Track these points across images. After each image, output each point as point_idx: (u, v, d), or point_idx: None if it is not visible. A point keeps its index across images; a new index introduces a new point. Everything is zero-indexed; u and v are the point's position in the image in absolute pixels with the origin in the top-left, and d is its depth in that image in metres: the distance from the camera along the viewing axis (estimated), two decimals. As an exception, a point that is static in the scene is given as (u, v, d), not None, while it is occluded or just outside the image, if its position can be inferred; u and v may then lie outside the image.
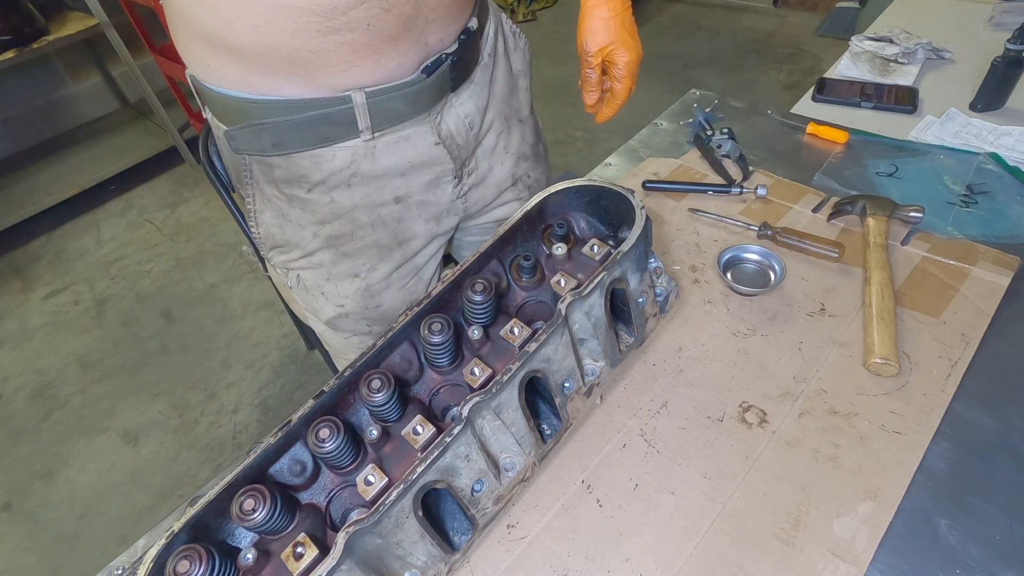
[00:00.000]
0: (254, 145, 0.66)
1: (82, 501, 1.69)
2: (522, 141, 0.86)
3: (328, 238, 0.74)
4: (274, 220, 0.74)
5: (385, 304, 0.82)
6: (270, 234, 0.76)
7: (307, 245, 0.75)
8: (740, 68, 3.09)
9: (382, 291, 0.80)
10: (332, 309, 0.81)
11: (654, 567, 0.56)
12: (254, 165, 0.69)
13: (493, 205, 0.88)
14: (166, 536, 0.45)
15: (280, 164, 0.67)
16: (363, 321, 0.83)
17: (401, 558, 0.49)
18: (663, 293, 0.69)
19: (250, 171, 0.70)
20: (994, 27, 1.31)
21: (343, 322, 0.83)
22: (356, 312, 0.81)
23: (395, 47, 0.60)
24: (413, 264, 0.81)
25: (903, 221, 0.83)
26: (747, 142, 1.03)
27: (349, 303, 0.80)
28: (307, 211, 0.71)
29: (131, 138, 2.80)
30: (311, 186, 0.69)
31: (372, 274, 0.78)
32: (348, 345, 0.87)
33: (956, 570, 0.54)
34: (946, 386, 0.66)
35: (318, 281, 0.79)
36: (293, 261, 0.78)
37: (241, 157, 0.69)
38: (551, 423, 0.62)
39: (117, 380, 1.99)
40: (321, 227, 0.73)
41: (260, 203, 0.74)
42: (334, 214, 0.72)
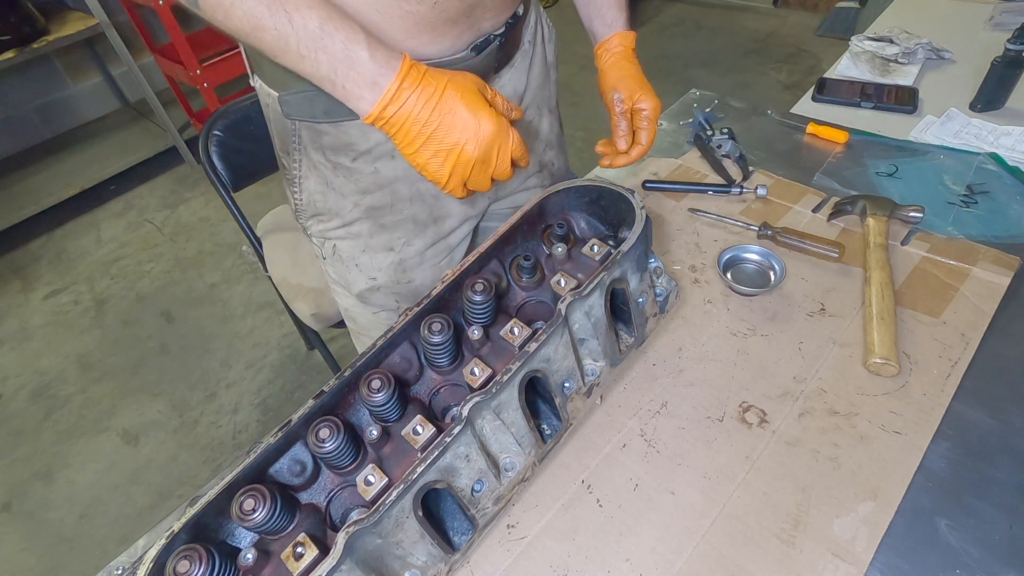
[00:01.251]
0: (306, 111, 0.68)
1: (82, 501, 1.69)
2: (550, 130, 0.90)
3: (368, 208, 0.76)
4: (318, 187, 0.76)
5: (416, 280, 0.84)
6: (312, 201, 0.78)
7: (347, 214, 0.77)
8: (740, 68, 3.08)
9: (415, 267, 0.83)
10: (365, 281, 0.83)
11: (654, 567, 0.56)
12: (303, 131, 0.71)
13: (519, 188, 0.91)
14: (166, 536, 0.45)
15: (329, 131, 0.69)
16: (393, 296, 0.85)
17: (401, 558, 0.49)
18: (663, 293, 0.69)
19: (299, 137, 0.72)
20: (994, 27, 1.31)
21: (374, 296, 0.85)
22: (387, 286, 0.83)
23: (452, 28, 0.63)
24: (446, 243, 0.83)
25: (903, 221, 0.83)
26: (747, 142, 1.03)
27: (382, 276, 0.82)
28: (351, 180, 0.73)
29: (131, 138, 2.80)
30: (357, 155, 0.71)
31: (407, 248, 0.80)
32: (375, 321, 0.89)
33: (956, 570, 0.54)
34: (946, 386, 0.66)
35: (354, 252, 0.81)
36: (331, 230, 0.80)
37: (291, 123, 0.71)
38: (551, 423, 0.62)
39: (117, 380, 1.99)
40: (363, 197, 0.75)
41: (306, 169, 0.75)
42: (376, 184, 0.74)
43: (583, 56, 3.31)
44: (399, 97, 0.56)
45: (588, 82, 3.08)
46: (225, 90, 2.72)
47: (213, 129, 1.22)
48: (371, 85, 0.55)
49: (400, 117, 0.57)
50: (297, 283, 1.33)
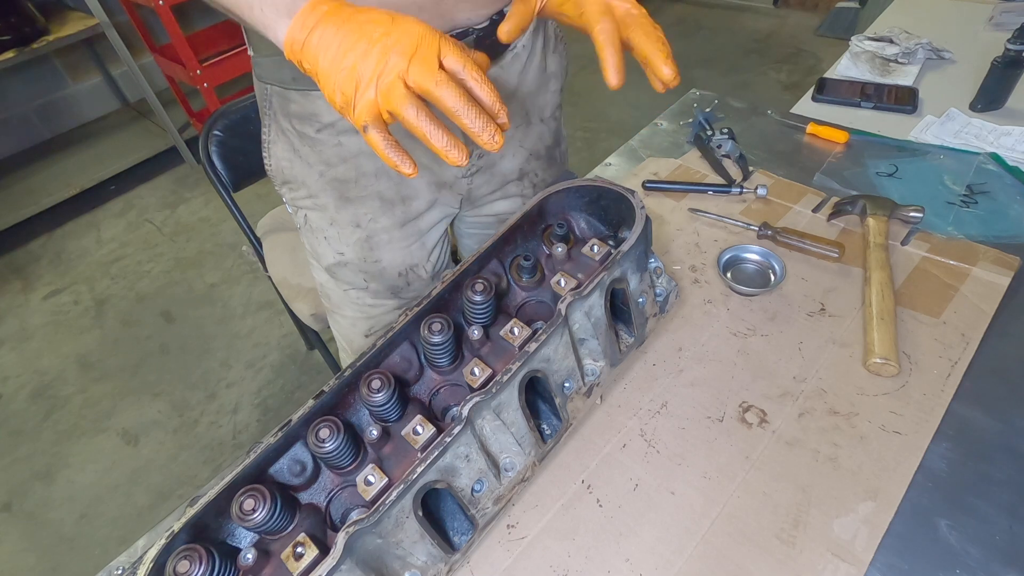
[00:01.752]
0: (275, 75, 0.69)
1: (82, 501, 1.69)
2: (538, 140, 0.87)
3: (333, 180, 0.75)
4: (285, 154, 0.76)
5: (384, 260, 0.83)
6: (280, 168, 0.78)
7: (313, 185, 0.76)
8: (740, 68, 3.08)
9: (382, 245, 0.82)
10: (333, 255, 0.83)
11: (654, 567, 0.56)
12: (274, 96, 0.72)
13: (496, 196, 0.89)
14: (166, 536, 0.45)
15: (296, 100, 0.69)
16: (361, 274, 0.84)
17: (401, 558, 0.49)
18: (663, 293, 0.69)
19: (269, 102, 0.73)
20: (994, 27, 1.31)
21: (342, 271, 0.85)
22: (355, 263, 0.83)
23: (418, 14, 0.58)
24: (416, 227, 0.82)
25: (903, 221, 0.83)
26: (747, 142, 1.03)
27: (349, 251, 0.82)
28: (315, 150, 0.73)
29: (131, 138, 2.80)
30: (321, 126, 0.70)
31: (372, 225, 0.79)
32: (346, 299, 0.89)
33: (956, 570, 0.54)
34: (946, 386, 0.66)
35: (322, 224, 0.80)
36: (300, 200, 0.80)
37: (264, 86, 0.71)
38: (551, 423, 0.62)
39: (117, 380, 1.99)
40: (328, 168, 0.74)
41: (275, 134, 0.76)
42: (340, 158, 0.73)
43: (583, 56, 3.30)
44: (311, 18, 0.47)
45: (588, 82, 3.08)
46: (225, 90, 2.72)
47: (213, 129, 1.22)
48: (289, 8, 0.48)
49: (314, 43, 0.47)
50: (297, 283, 1.33)
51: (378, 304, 0.89)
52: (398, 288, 0.87)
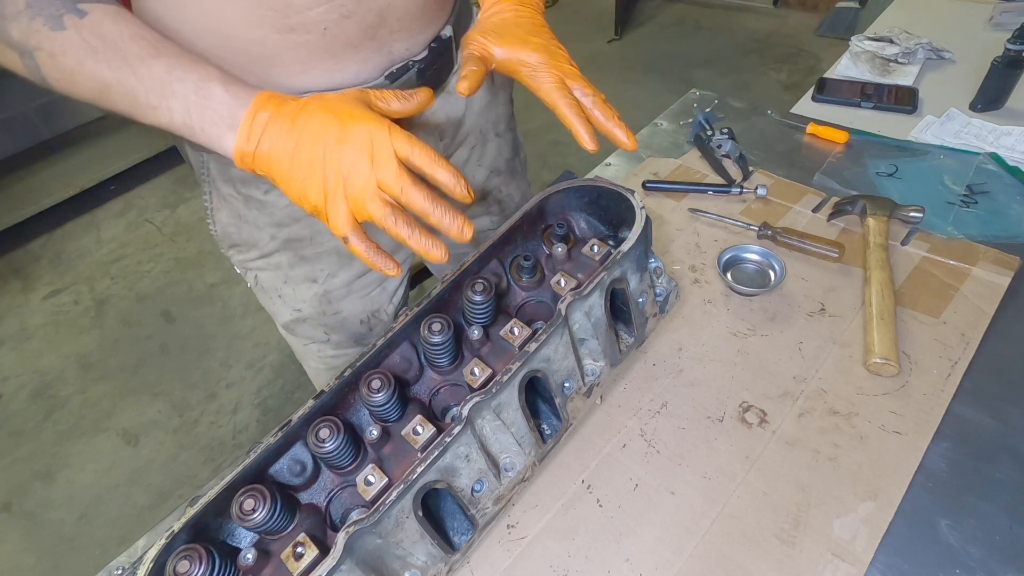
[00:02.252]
0: None
1: (82, 501, 1.69)
2: (497, 155, 0.84)
3: (286, 240, 0.72)
4: (230, 219, 0.72)
5: (344, 312, 0.80)
6: (227, 233, 0.74)
7: (264, 246, 0.73)
8: (740, 68, 3.08)
9: (341, 298, 0.78)
10: (289, 313, 0.79)
11: (654, 567, 0.56)
12: (211, 163, 0.68)
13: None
14: (166, 536, 0.45)
15: None
16: (321, 328, 0.81)
17: (401, 558, 0.49)
18: (663, 293, 0.69)
19: (207, 168, 0.69)
20: (994, 27, 1.30)
21: (300, 327, 0.81)
22: (313, 318, 0.79)
23: (354, 54, 0.58)
24: (376, 274, 0.79)
25: (903, 221, 0.83)
26: (747, 142, 1.03)
27: (306, 308, 0.78)
28: (264, 212, 0.69)
29: (131, 138, 2.80)
30: (269, 187, 0.67)
31: (331, 280, 0.76)
32: (307, 352, 0.86)
33: (956, 570, 0.54)
34: (946, 386, 0.66)
35: (275, 283, 0.77)
36: (250, 261, 0.76)
37: (198, 154, 0.67)
38: (551, 423, 0.62)
39: (117, 380, 1.99)
40: (279, 229, 0.71)
41: (216, 201, 0.72)
42: (292, 217, 0.70)
43: (583, 56, 3.31)
44: (256, 127, 0.48)
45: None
46: (225, 90, 2.72)
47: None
48: (230, 122, 0.48)
49: (265, 151, 0.48)
50: (297, 283, 1.33)
51: (340, 354, 0.85)
52: (361, 335, 0.83)
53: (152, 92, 0.48)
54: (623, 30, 3.44)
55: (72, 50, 0.47)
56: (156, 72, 0.48)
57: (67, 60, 0.47)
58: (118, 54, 0.47)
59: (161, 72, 0.48)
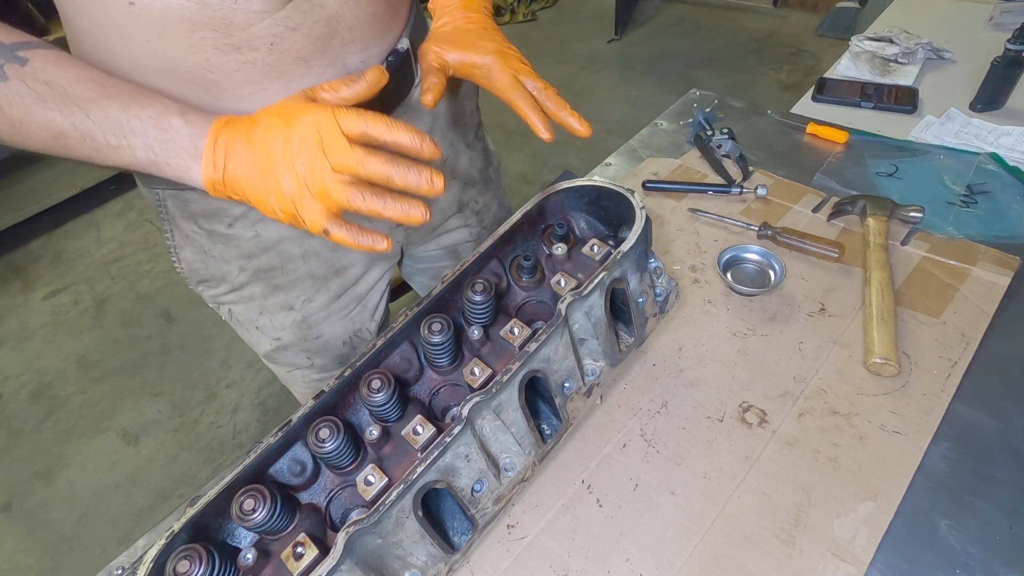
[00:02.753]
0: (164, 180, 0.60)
1: (82, 501, 1.69)
2: (470, 166, 0.82)
3: (256, 271, 0.70)
4: (195, 256, 0.69)
5: (326, 335, 0.78)
6: (193, 270, 0.71)
7: (234, 279, 0.71)
8: (740, 68, 3.08)
9: (321, 322, 0.76)
10: (269, 343, 0.77)
11: (654, 567, 0.56)
12: (168, 200, 0.65)
13: (439, 231, 0.85)
14: (166, 536, 0.45)
15: (196, 198, 0.63)
16: (303, 353, 0.79)
17: (401, 558, 0.49)
18: (663, 293, 0.69)
19: (164, 207, 0.66)
20: (994, 27, 1.31)
21: (282, 355, 0.79)
22: (295, 344, 0.77)
23: (307, 69, 0.56)
24: (355, 293, 0.77)
25: (903, 221, 0.83)
26: (747, 142, 1.03)
27: (286, 335, 0.76)
28: (230, 246, 0.67)
29: (131, 138, 2.80)
30: (232, 220, 0.65)
31: (308, 305, 0.74)
32: (292, 379, 0.84)
33: (956, 570, 0.54)
34: (946, 386, 0.66)
35: (251, 315, 0.74)
36: (221, 296, 0.73)
37: (153, 192, 0.65)
38: (551, 423, 0.62)
39: (117, 380, 1.99)
40: (248, 261, 0.69)
41: (179, 239, 0.69)
42: (260, 248, 0.68)
43: (583, 56, 3.31)
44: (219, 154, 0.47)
45: (587, 82, 3.08)
46: (225, 90, 2.72)
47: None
48: (193, 152, 0.48)
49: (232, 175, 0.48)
50: (297, 283, 1.33)
51: (326, 377, 0.83)
52: (345, 356, 0.82)
53: (110, 133, 0.47)
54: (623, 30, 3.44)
55: (19, 100, 0.45)
56: (111, 112, 0.46)
57: (15, 111, 0.46)
58: (68, 99, 0.46)
59: (116, 112, 0.47)
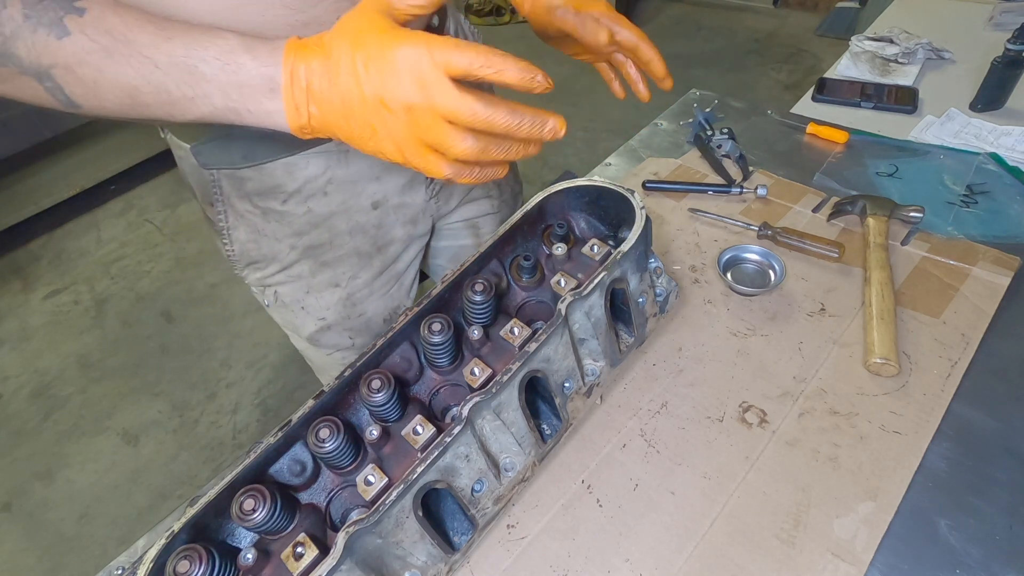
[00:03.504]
0: (223, 159, 0.63)
1: (82, 501, 1.69)
2: None
3: (306, 249, 0.72)
4: (249, 236, 0.71)
5: (368, 312, 0.81)
6: (245, 251, 0.73)
7: (285, 258, 0.73)
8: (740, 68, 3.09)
9: (364, 299, 0.79)
10: (314, 323, 0.79)
11: (654, 567, 0.56)
12: (223, 180, 0.66)
13: (464, 200, 0.87)
14: (166, 536, 0.45)
15: (252, 176, 0.65)
16: (346, 333, 0.81)
17: (401, 558, 0.49)
18: (663, 293, 0.69)
19: (219, 187, 0.67)
20: (994, 27, 1.31)
21: (325, 336, 0.81)
22: (339, 323, 0.80)
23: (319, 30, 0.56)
24: (394, 270, 0.80)
25: (903, 221, 0.83)
26: (747, 142, 1.03)
27: (331, 314, 0.79)
28: (283, 223, 0.69)
29: (131, 138, 2.80)
30: (286, 196, 0.67)
31: (353, 282, 0.77)
32: (329, 362, 0.86)
33: (956, 570, 0.54)
34: (946, 386, 0.66)
35: (297, 295, 0.77)
36: (270, 277, 0.75)
37: (209, 173, 0.66)
38: (551, 423, 0.62)
39: (117, 380, 1.99)
40: (299, 238, 0.71)
41: (233, 220, 0.70)
42: (311, 224, 0.70)
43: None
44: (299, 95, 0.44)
45: (588, 82, 3.08)
46: (225, 90, 2.72)
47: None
48: (270, 95, 0.44)
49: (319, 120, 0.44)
50: (297, 283, 1.33)
51: None
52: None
53: (183, 82, 0.43)
54: (623, 30, 3.44)
55: (86, 57, 0.43)
56: (176, 56, 0.43)
57: (86, 70, 0.43)
58: (132, 47, 0.43)
59: (181, 55, 0.43)
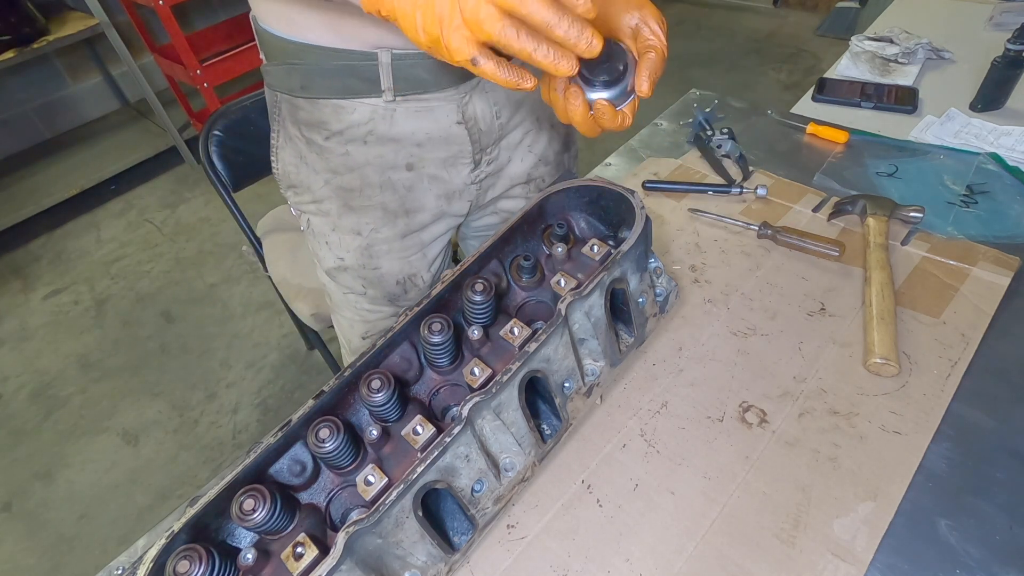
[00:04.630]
0: (284, 83, 0.70)
1: (82, 501, 1.69)
2: (548, 146, 0.87)
3: (338, 188, 0.77)
4: (292, 159, 0.78)
5: (383, 268, 0.84)
6: (287, 172, 0.80)
7: (318, 191, 0.78)
8: (740, 68, 3.08)
9: (382, 255, 0.82)
10: (333, 260, 0.84)
11: (654, 567, 0.56)
12: (283, 103, 0.74)
13: (502, 196, 0.89)
14: (166, 536, 0.45)
15: (305, 107, 0.71)
16: (360, 280, 0.85)
17: (401, 558, 0.49)
18: (663, 293, 0.69)
19: (279, 108, 0.75)
20: (994, 27, 1.30)
21: (341, 276, 0.86)
22: (354, 268, 0.84)
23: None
24: (418, 238, 0.83)
25: (903, 221, 0.83)
26: (747, 142, 1.03)
27: (349, 258, 0.83)
28: (322, 157, 0.74)
29: (131, 138, 2.80)
30: (329, 134, 0.72)
31: (374, 235, 0.80)
32: (345, 301, 0.90)
33: (956, 570, 0.54)
34: (946, 386, 0.66)
35: (324, 229, 0.82)
36: (304, 204, 0.81)
37: (274, 93, 0.74)
38: (551, 423, 0.62)
39: (117, 380, 1.99)
40: (333, 176, 0.76)
41: (283, 140, 0.78)
42: (346, 167, 0.74)
43: (583, 56, 3.30)
44: None
45: (588, 82, 3.07)
46: (225, 90, 2.72)
47: (213, 129, 1.22)
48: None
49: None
50: (297, 283, 1.33)
51: (375, 310, 0.89)
52: (395, 296, 0.87)
53: None
54: (623, 30, 3.44)
55: None
56: None
57: None
58: None
59: None
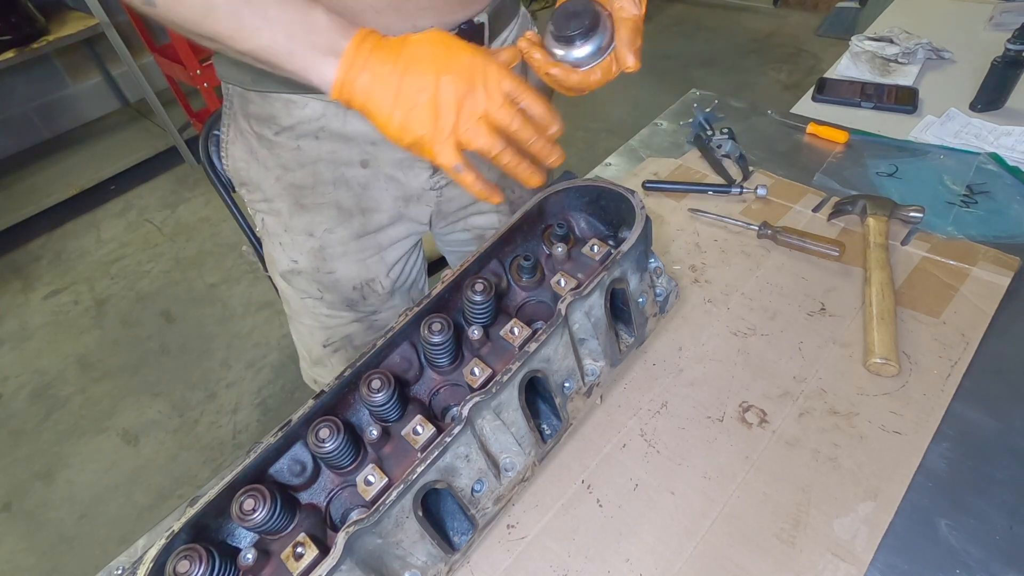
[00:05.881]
0: (235, 75, 0.68)
1: (82, 501, 1.69)
2: None
3: (289, 185, 0.74)
4: (242, 155, 0.75)
5: (338, 272, 0.81)
6: (237, 168, 0.78)
7: (268, 189, 0.75)
8: (740, 68, 3.08)
9: (337, 257, 0.79)
10: (287, 262, 0.81)
11: (654, 567, 0.56)
12: (235, 96, 0.72)
13: (470, 211, 0.87)
14: (166, 536, 0.45)
15: (255, 100, 0.69)
16: (315, 284, 0.82)
17: (401, 558, 0.49)
18: (663, 293, 0.69)
19: (231, 101, 0.73)
20: (994, 27, 1.31)
21: (296, 279, 0.83)
22: (308, 272, 0.81)
23: (376, 19, 0.60)
24: (375, 240, 0.80)
25: (903, 221, 0.83)
26: (747, 142, 1.03)
27: (303, 260, 0.80)
28: (273, 153, 0.72)
29: (131, 138, 2.80)
30: (279, 129, 0.70)
31: (328, 236, 0.78)
32: (304, 307, 0.86)
33: (956, 570, 0.54)
34: (946, 386, 0.66)
35: (277, 229, 0.79)
36: (257, 203, 0.79)
37: (226, 85, 0.72)
38: (551, 423, 0.62)
39: (117, 380, 1.99)
40: (284, 173, 0.73)
41: (233, 134, 0.75)
42: (298, 163, 0.72)
43: (583, 56, 3.30)
44: (360, 57, 0.49)
45: (588, 82, 3.07)
46: (225, 90, 2.71)
47: (213, 129, 1.22)
48: (329, 50, 0.49)
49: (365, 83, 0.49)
50: (297, 283, 1.33)
51: (334, 315, 0.85)
52: (353, 301, 0.84)
53: (257, 13, 0.48)
54: (623, 30, 3.44)
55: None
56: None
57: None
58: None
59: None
